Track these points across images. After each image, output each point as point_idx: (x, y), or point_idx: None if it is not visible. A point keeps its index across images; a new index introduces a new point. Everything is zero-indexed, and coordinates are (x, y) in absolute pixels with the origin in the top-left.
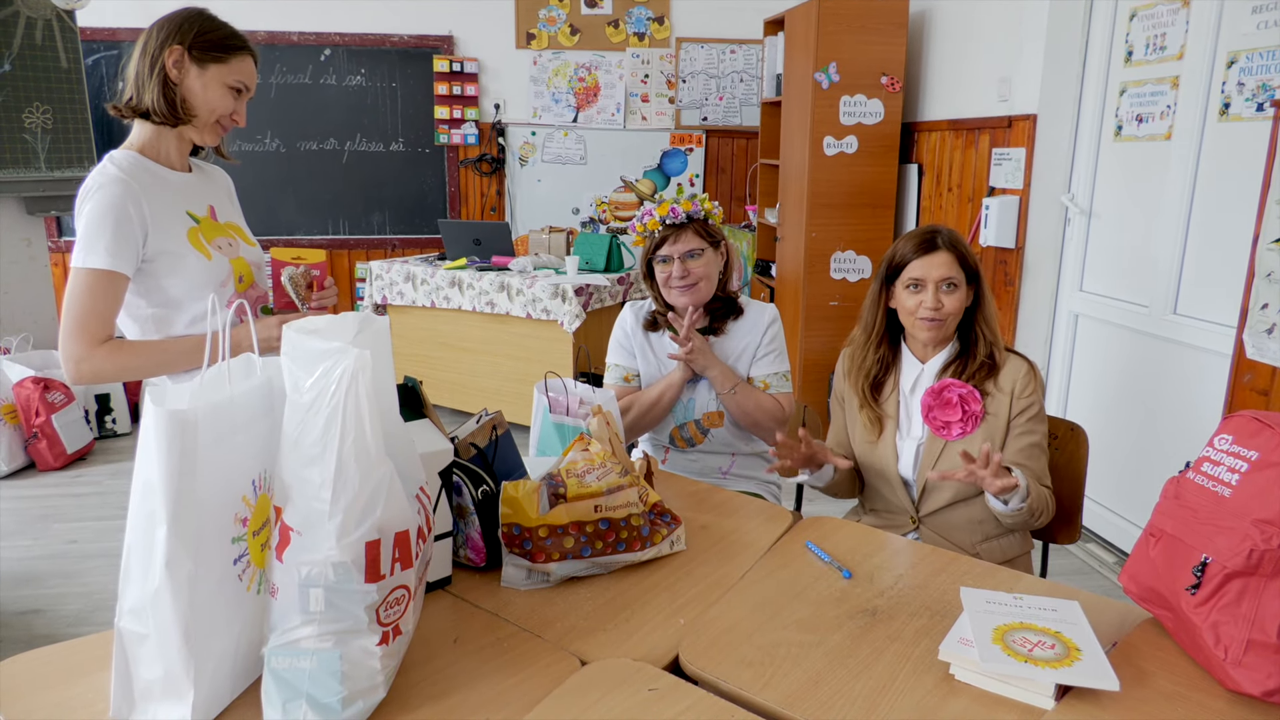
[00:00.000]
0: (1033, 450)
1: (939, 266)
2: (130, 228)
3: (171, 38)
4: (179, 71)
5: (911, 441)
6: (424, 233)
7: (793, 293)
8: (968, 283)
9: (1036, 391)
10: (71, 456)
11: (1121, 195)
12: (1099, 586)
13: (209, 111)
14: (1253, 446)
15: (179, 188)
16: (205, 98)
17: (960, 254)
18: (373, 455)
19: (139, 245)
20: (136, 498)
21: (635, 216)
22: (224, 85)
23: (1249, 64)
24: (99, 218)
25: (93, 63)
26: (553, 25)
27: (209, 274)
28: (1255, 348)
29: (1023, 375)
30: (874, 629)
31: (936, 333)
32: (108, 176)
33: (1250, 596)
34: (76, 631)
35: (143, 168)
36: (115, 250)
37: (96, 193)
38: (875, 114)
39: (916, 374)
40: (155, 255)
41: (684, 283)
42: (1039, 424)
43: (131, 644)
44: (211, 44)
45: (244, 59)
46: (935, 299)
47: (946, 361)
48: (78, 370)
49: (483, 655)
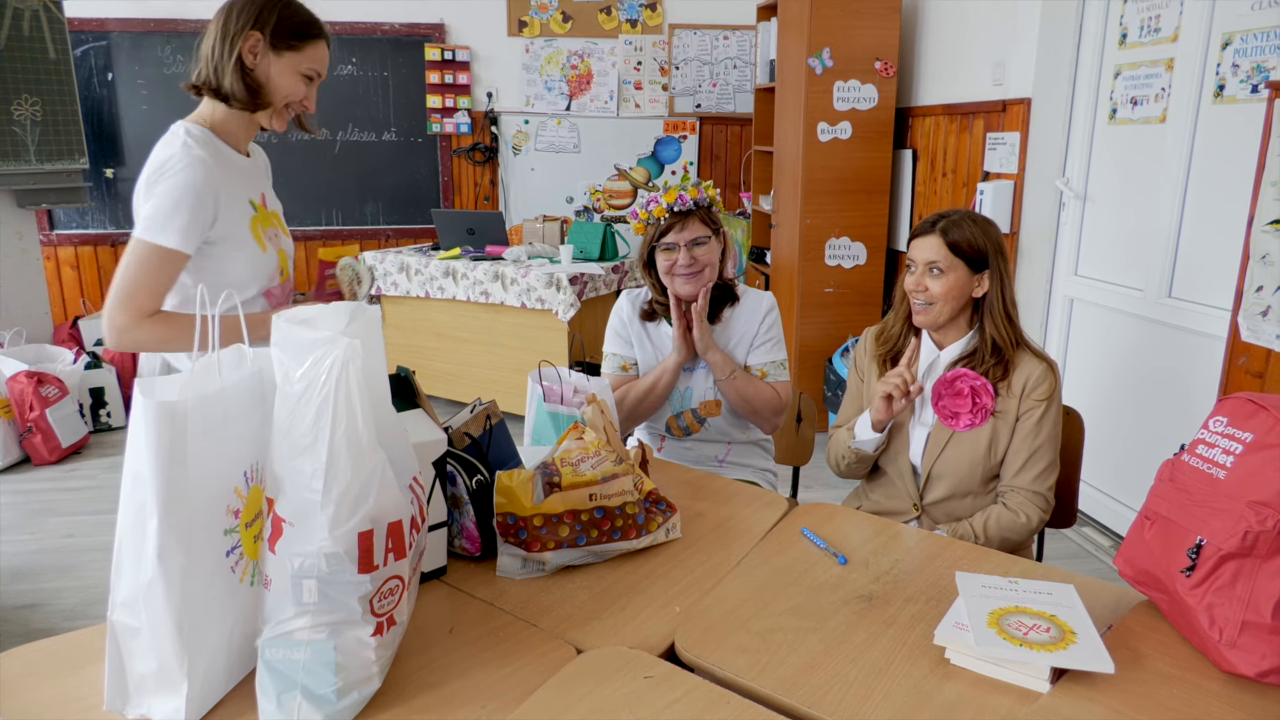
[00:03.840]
0: (1038, 453)
1: (924, 249)
2: (204, 212)
3: (251, 23)
4: (255, 58)
5: (923, 429)
6: (418, 222)
7: (788, 280)
8: (972, 270)
9: (1048, 394)
10: (66, 450)
11: (1116, 179)
12: (1095, 570)
13: (281, 98)
14: (1248, 429)
15: (244, 173)
16: (279, 84)
17: (954, 240)
18: (364, 445)
19: (206, 229)
20: (127, 490)
21: (638, 203)
22: (297, 73)
23: (1244, 45)
24: (178, 197)
25: (81, 53)
26: (544, 12)
27: (262, 265)
28: (1250, 330)
29: (1035, 376)
30: (870, 614)
31: (924, 316)
32: (193, 157)
33: (1245, 578)
34: (73, 625)
35: (216, 149)
36: (187, 232)
37: (182, 172)
38: (869, 99)
39: (932, 359)
40: (219, 240)
41: (689, 270)
42: (1047, 424)
43: (125, 637)
44: (290, 31)
45: (319, 46)
46: (919, 281)
47: (963, 353)
48: (119, 340)
49: (478, 645)
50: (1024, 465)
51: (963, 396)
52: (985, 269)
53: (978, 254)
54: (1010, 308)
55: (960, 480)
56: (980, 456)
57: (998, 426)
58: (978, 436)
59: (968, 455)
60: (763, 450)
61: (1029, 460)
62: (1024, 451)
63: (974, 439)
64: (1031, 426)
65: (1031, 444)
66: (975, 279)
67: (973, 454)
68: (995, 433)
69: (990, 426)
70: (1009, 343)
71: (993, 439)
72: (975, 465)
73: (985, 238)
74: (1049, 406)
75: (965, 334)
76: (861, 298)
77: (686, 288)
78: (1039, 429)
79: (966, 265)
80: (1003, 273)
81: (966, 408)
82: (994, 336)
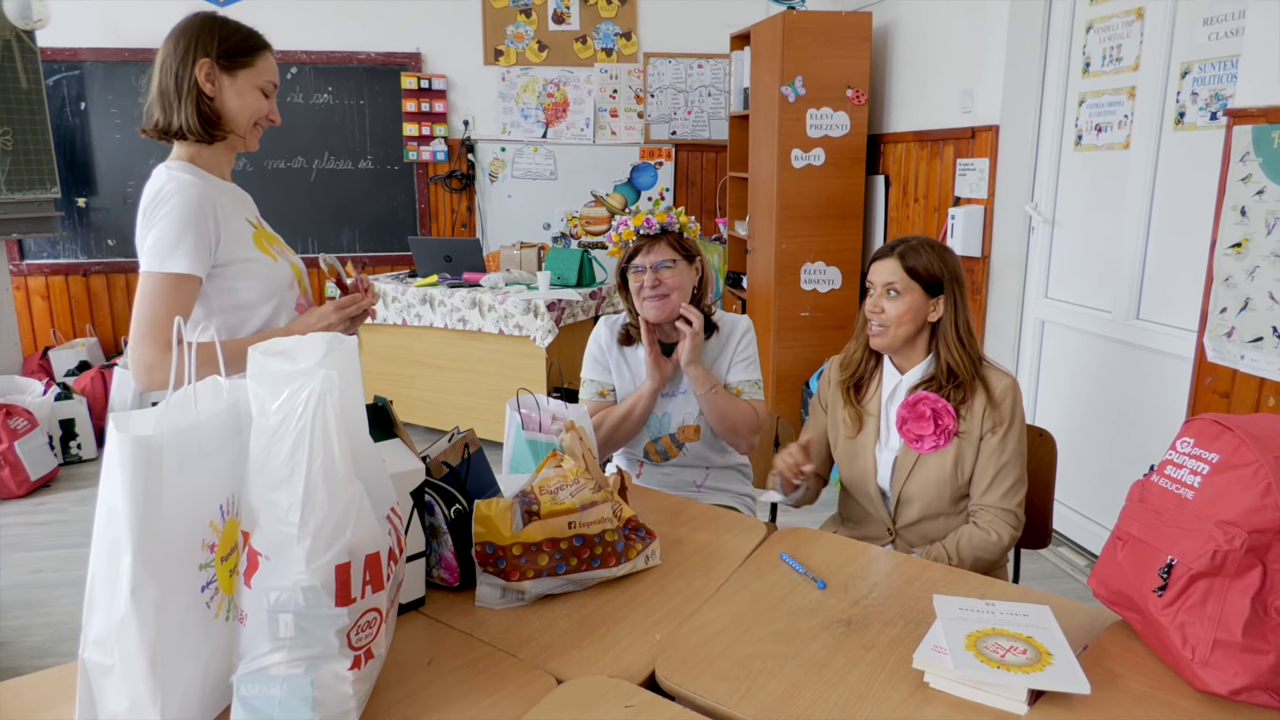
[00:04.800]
0: (1004, 471)
1: (882, 271)
2: (207, 232)
3: (195, 50)
4: (213, 85)
5: (889, 453)
6: (394, 250)
7: (764, 304)
8: (928, 294)
9: (1010, 409)
10: (35, 483)
11: (1083, 203)
12: (1071, 590)
13: (248, 117)
14: (1214, 449)
15: (234, 197)
16: (242, 104)
17: (911, 265)
18: (341, 477)
19: (212, 250)
20: (101, 526)
21: (610, 228)
22: (256, 88)
23: (1202, 74)
24: (180, 222)
25: (53, 83)
26: (520, 41)
27: (277, 277)
28: (1215, 351)
29: (998, 392)
30: (849, 639)
31: (879, 339)
32: (183, 182)
33: (1215, 597)
34: (41, 664)
35: (203, 177)
36: (195, 254)
37: (175, 196)
38: (841, 126)
39: (895, 384)
40: (226, 261)
41: (655, 292)
42: (1011, 441)
43: (96, 675)
44: (235, 49)
45: (266, 57)
46: (875, 303)
47: (923, 377)
48: (150, 378)
49: (457, 676)
50: (991, 483)
51: (925, 419)
52: (940, 294)
53: (933, 279)
54: (964, 334)
55: (930, 502)
56: (947, 477)
57: (962, 446)
58: (943, 458)
59: (935, 477)
60: (741, 475)
61: (996, 478)
62: (990, 469)
63: (940, 460)
64: (996, 444)
65: (997, 462)
66: (931, 303)
67: (940, 475)
68: (960, 453)
69: (955, 447)
70: (963, 366)
71: (958, 459)
72: (943, 486)
73: (942, 264)
74: (1011, 424)
75: (925, 358)
76: (837, 321)
77: (652, 311)
78: (1003, 446)
79: (922, 289)
80: (958, 299)
81: (930, 430)
82: (949, 361)
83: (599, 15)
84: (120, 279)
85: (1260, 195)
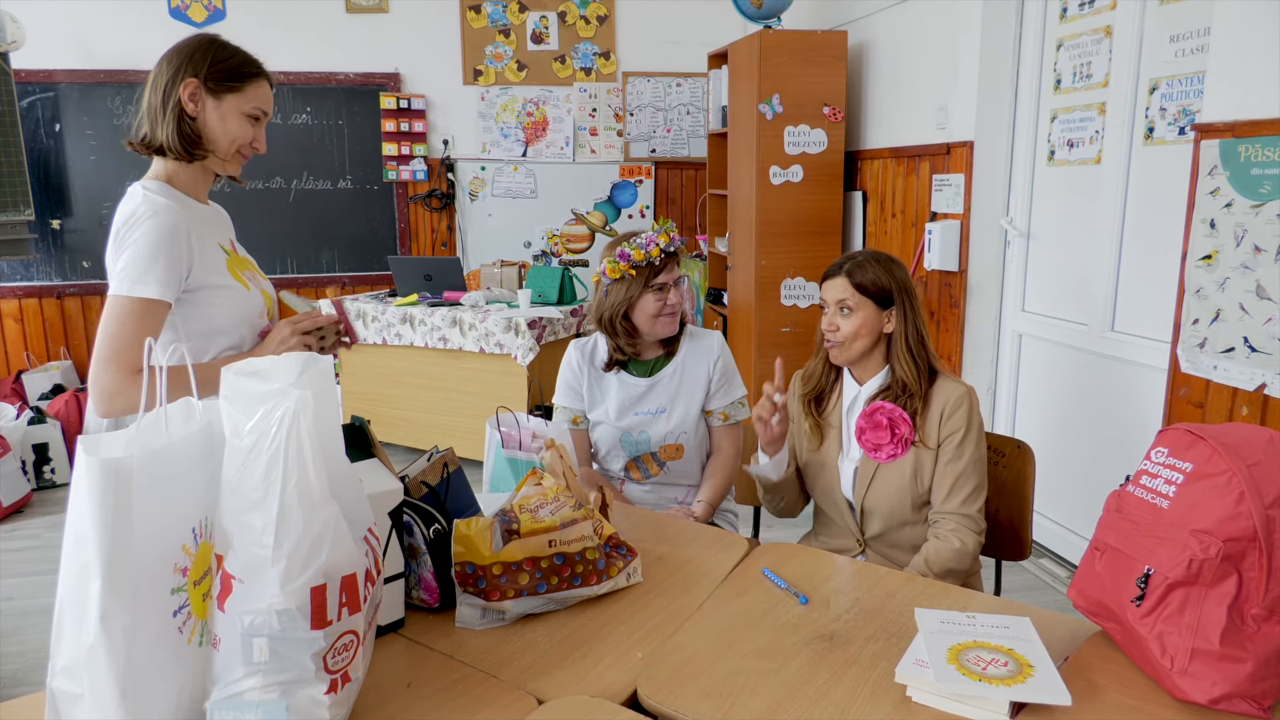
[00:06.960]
0: (962, 477)
1: (833, 290)
2: (180, 257)
3: (184, 70)
4: (195, 105)
5: (850, 463)
6: (374, 269)
7: (745, 320)
8: (880, 308)
9: (966, 416)
10: (8, 509)
11: (1057, 217)
12: (1052, 601)
13: (230, 142)
14: (1187, 459)
15: (208, 220)
16: (225, 129)
17: (859, 281)
18: (316, 498)
19: (184, 276)
20: (69, 552)
21: (627, 244)
22: (241, 114)
23: (1170, 90)
24: (153, 246)
25: (28, 105)
26: (499, 61)
27: (249, 305)
28: (1189, 361)
29: (952, 400)
30: (831, 654)
31: (838, 353)
32: (158, 205)
33: (1192, 606)
34: (12, 693)
35: (177, 199)
36: (166, 280)
37: (149, 220)
38: (819, 143)
39: (854, 395)
40: (198, 287)
41: (675, 310)
42: (968, 448)
43: (65, 705)
44: (226, 73)
45: (259, 85)
46: (830, 321)
47: (881, 387)
48: (110, 405)
49: (438, 699)
50: (950, 490)
51: (882, 428)
52: (891, 306)
53: (883, 292)
54: (914, 344)
55: (893, 510)
56: (907, 485)
57: (920, 455)
58: (902, 466)
59: (895, 485)
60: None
61: (955, 485)
62: (949, 476)
63: (899, 469)
64: (953, 451)
65: (956, 468)
66: (884, 315)
67: (900, 484)
68: (919, 461)
69: (913, 455)
70: (916, 376)
71: (917, 467)
72: (904, 494)
73: (889, 277)
74: (968, 431)
75: (882, 369)
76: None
77: (667, 328)
78: (960, 453)
79: (874, 303)
80: (908, 309)
81: (887, 439)
82: (902, 372)
83: (578, 35)
84: (95, 301)
85: (1229, 208)
